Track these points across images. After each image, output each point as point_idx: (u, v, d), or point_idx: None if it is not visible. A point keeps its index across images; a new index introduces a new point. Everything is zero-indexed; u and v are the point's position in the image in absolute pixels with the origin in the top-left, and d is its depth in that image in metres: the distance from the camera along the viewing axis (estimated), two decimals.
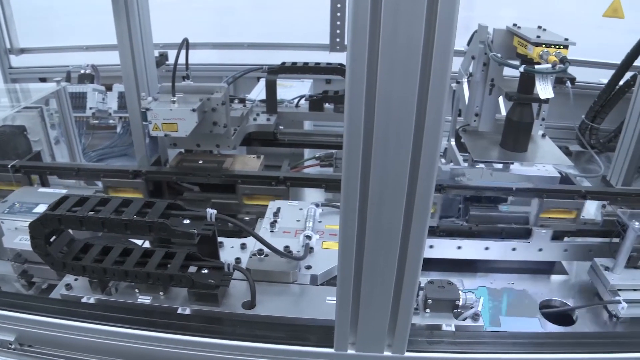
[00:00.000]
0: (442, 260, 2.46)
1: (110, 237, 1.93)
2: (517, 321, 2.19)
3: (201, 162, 2.72)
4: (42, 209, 2.22)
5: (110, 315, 1.68)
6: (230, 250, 2.02)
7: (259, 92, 3.69)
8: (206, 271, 1.72)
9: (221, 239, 2.02)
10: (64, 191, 2.45)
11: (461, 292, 1.71)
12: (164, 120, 2.37)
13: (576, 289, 2.41)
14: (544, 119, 2.81)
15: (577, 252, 2.47)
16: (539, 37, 2.31)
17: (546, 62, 2.26)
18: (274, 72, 3.18)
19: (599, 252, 2.38)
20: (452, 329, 1.68)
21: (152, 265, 1.70)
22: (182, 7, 6.40)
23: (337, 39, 4.34)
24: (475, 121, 2.86)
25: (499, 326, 2.15)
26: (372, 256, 1.31)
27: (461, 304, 1.70)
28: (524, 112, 2.59)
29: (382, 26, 1.04)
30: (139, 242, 2.01)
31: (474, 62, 2.74)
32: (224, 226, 1.85)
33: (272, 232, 2.09)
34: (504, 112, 2.87)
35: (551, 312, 2.25)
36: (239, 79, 3.56)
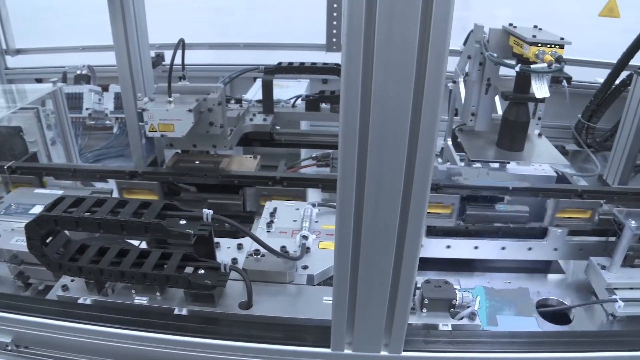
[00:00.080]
0: (439, 259, 2.47)
1: (106, 238, 1.93)
2: (514, 320, 2.20)
3: (198, 162, 2.72)
4: (39, 210, 2.22)
5: (106, 316, 1.68)
6: (226, 250, 2.02)
7: (255, 92, 3.69)
8: (203, 272, 1.72)
9: (217, 240, 2.01)
10: (60, 192, 2.44)
11: (458, 291, 1.71)
12: (160, 120, 2.36)
13: (573, 287, 2.41)
14: (540, 119, 2.82)
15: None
16: (534, 36, 2.31)
17: (542, 62, 2.26)
18: (270, 72, 3.18)
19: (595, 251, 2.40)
20: (449, 328, 1.67)
21: (149, 266, 1.69)
22: (178, 7, 6.40)
23: (334, 39, 4.33)
24: (471, 121, 2.87)
25: (496, 325, 2.16)
26: (369, 256, 1.31)
27: (458, 303, 1.70)
28: (520, 111, 2.60)
29: (377, 26, 1.04)
30: (136, 242, 2.00)
31: (470, 61, 2.75)
32: (221, 226, 1.85)
33: (268, 232, 2.08)
34: (500, 111, 2.88)
35: (548, 311, 2.25)
36: (235, 79, 3.56)
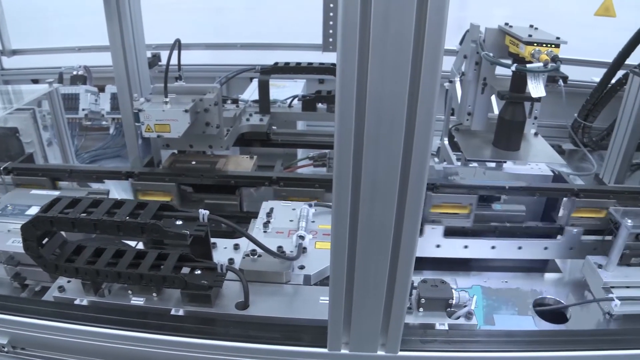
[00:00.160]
0: (437, 259, 2.47)
1: (103, 238, 1.92)
2: (510, 319, 2.20)
3: (194, 162, 2.72)
4: (35, 211, 2.21)
5: (103, 317, 1.68)
6: (223, 251, 2.02)
7: (251, 92, 3.69)
8: (199, 272, 1.72)
9: (214, 240, 2.01)
10: (56, 193, 2.44)
11: (454, 290, 1.71)
12: (157, 121, 2.36)
13: (569, 286, 2.42)
14: (536, 118, 2.82)
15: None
16: (530, 36, 2.31)
17: (538, 61, 2.26)
18: (266, 72, 3.18)
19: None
20: (446, 327, 1.68)
21: (145, 266, 1.69)
22: (174, 7, 6.38)
23: (330, 39, 4.34)
24: (467, 120, 2.87)
25: (493, 324, 2.16)
26: (365, 256, 1.31)
27: (454, 302, 1.70)
28: (516, 111, 2.60)
29: (372, 25, 1.04)
30: (132, 243, 2.00)
31: (466, 61, 2.75)
32: (218, 227, 1.84)
33: (265, 232, 2.08)
34: (496, 111, 2.88)
35: (545, 310, 2.26)
36: (231, 79, 3.55)
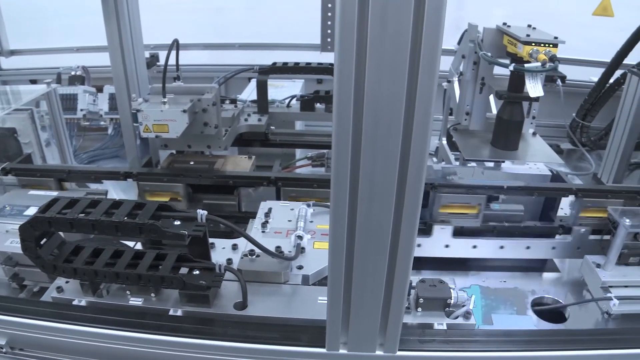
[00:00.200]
0: (434, 258, 2.47)
1: (101, 239, 1.92)
2: (509, 319, 2.20)
3: (192, 163, 2.71)
4: (33, 211, 2.21)
5: (101, 317, 1.68)
6: (221, 251, 2.02)
7: (250, 92, 3.68)
8: (197, 272, 1.72)
9: (212, 240, 2.01)
10: (54, 193, 2.44)
11: (452, 290, 1.72)
12: (155, 121, 2.36)
13: (568, 286, 2.42)
14: (534, 117, 2.82)
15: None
16: (528, 35, 2.32)
17: (536, 61, 2.27)
18: (265, 72, 3.18)
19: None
20: (444, 327, 1.68)
21: (143, 267, 1.69)
22: (174, 7, 6.37)
23: (329, 39, 4.34)
24: (466, 120, 2.87)
25: (491, 324, 2.16)
26: (363, 255, 1.31)
27: (453, 302, 1.70)
28: (514, 110, 2.61)
29: (370, 24, 1.04)
30: (131, 244, 2.00)
31: (464, 61, 2.76)
32: (216, 227, 1.84)
33: (263, 232, 2.08)
34: (494, 110, 2.89)
35: (543, 309, 2.25)
36: (230, 79, 3.56)
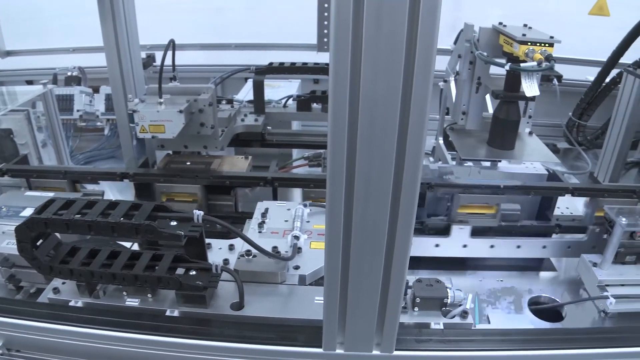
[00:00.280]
0: (432, 258, 2.47)
1: (97, 240, 1.92)
2: (506, 318, 2.20)
3: (189, 163, 2.72)
4: (29, 212, 2.20)
5: (98, 318, 1.68)
6: (218, 251, 2.01)
7: (246, 92, 3.69)
8: (194, 273, 1.72)
9: (209, 240, 2.01)
10: (50, 194, 2.43)
11: (449, 290, 1.72)
12: (151, 122, 2.36)
13: (565, 285, 2.42)
14: (530, 117, 2.83)
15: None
16: (524, 35, 2.32)
17: (532, 60, 2.27)
18: (261, 72, 3.18)
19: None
20: (441, 327, 1.68)
21: (140, 267, 1.69)
22: (174, 7, 6.38)
23: (325, 39, 4.33)
24: (462, 119, 2.87)
25: (488, 323, 2.16)
26: (359, 255, 1.31)
27: (449, 301, 1.70)
28: (510, 110, 2.61)
29: (365, 24, 1.04)
30: (127, 244, 1.99)
31: (460, 60, 2.76)
32: (212, 227, 1.84)
33: (260, 232, 2.08)
34: (491, 110, 2.89)
35: (540, 308, 2.26)
36: (226, 79, 3.55)
